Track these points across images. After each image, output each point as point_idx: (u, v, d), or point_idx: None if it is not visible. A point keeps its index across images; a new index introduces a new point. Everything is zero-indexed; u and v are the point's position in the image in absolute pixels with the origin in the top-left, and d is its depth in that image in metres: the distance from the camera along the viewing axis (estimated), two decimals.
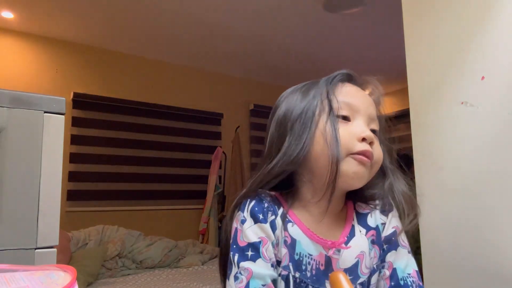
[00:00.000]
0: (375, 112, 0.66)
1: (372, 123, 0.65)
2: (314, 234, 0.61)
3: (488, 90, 1.33)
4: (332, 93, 0.63)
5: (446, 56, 1.48)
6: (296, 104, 0.66)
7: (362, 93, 0.67)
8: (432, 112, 1.50)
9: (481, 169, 1.34)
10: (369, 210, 0.65)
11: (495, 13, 1.34)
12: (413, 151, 1.57)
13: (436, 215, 1.47)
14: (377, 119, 0.66)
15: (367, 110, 0.64)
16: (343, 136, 0.60)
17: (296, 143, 0.61)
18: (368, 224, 0.64)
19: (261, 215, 0.61)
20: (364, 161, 0.60)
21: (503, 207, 1.27)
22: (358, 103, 0.64)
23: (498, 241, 1.28)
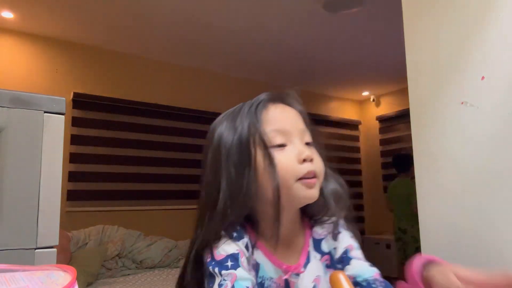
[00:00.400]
0: (304, 124, 0.67)
1: (304, 136, 0.66)
2: (275, 258, 0.63)
3: (488, 90, 1.33)
4: (260, 125, 0.63)
5: (446, 56, 1.48)
6: (227, 141, 0.65)
7: (287, 112, 0.67)
8: (432, 112, 1.50)
9: (481, 169, 1.34)
10: (323, 236, 0.67)
11: (495, 13, 1.34)
12: (413, 151, 1.57)
13: (436, 215, 1.47)
14: (307, 130, 0.67)
15: (297, 128, 0.65)
16: (285, 163, 0.61)
17: (238, 185, 0.61)
18: (322, 249, 0.67)
19: (235, 233, 0.62)
20: (311, 184, 0.62)
21: (502, 207, 1.27)
22: (287, 126, 0.64)
23: (498, 241, 1.28)
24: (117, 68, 3.76)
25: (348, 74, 4.57)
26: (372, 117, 5.49)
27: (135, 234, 3.06)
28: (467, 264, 1.37)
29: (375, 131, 5.43)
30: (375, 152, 5.42)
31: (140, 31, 3.34)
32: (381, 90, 5.22)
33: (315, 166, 0.63)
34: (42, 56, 3.40)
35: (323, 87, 5.05)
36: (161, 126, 3.92)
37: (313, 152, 0.65)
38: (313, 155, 0.64)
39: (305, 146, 0.65)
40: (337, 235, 0.68)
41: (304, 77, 4.63)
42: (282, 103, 0.68)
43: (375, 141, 5.44)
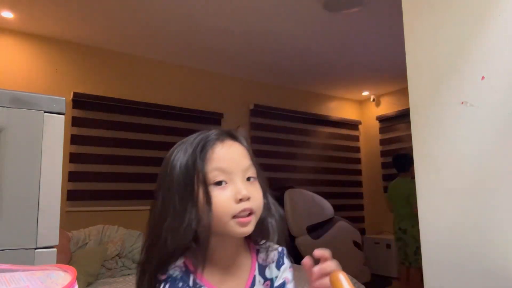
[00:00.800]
0: (248, 161, 0.71)
1: (248, 172, 0.69)
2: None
3: (488, 90, 1.33)
4: (203, 164, 0.67)
5: (446, 56, 1.48)
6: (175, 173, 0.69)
7: (233, 150, 0.71)
8: (432, 112, 1.50)
9: (481, 168, 1.34)
10: (267, 263, 0.73)
11: (495, 13, 1.34)
12: (413, 151, 1.57)
13: (436, 214, 1.47)
14: (252, 166, 0.71)
15: (240, 166, 0.69)
16: (221, 202, 0.65)
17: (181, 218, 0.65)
18: (266, 275, 0.72)
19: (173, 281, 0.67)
20: (246, 222, 0.66)
21: (503, 207, 1.27)
22: (229, 165, 0.68)
23: (498, 241, 1.28)
24: (117, 68, 3.76)
25: (348, 74, 4.57)
26: (372, 117, 5.49)
27: (135, 234, 3.06)
28: (467, 264, 1.38)
29: (375, 131, 5.43)
30: (375, 152, 5.42)
31: (140, 31, 3.34)
32: (381, 90, 5.22)
33: (251, 204, 0.67)
34: (42, 56, 3.40)
35: (323, 87, 5.05)
36: (161, 126, 3.92)
37: (254, 188, 0.69)
38: (253, 192, 0.68)
39: (246, 183, 0.68)
40: (281, 266, 0.74)
41: (304, 77, 4.63)
42: (230, 140, 0.72)
43: (375, 141, 5.44)
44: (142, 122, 3.81)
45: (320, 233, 3.83)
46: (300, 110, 4.96)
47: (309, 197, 3.95)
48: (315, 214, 3.89)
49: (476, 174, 1.35)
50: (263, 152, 4.58)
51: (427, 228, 1.50)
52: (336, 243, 3.90)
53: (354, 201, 5.37)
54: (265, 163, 4.58)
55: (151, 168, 3.77)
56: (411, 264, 3.34)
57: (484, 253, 1.31)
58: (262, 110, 4.61)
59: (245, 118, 4.54)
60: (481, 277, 1.31)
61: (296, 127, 4.90)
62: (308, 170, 4.93)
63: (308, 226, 3.77)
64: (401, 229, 3.42)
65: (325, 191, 4.90)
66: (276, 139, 4.72)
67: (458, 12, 1.45)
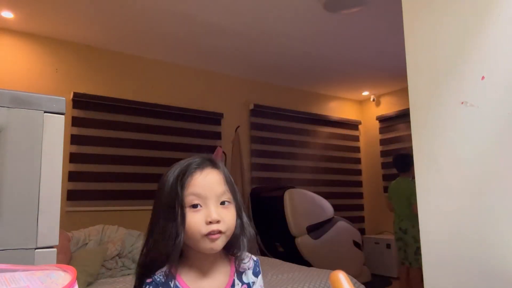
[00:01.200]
0: (223, 187, 0.81)
1: (222, 197, 0.80)
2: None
3: (488, 90, 1.33)
4: (183, 190, 0.78)
5: (446, 56, 1.48)
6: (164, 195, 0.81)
7: (209, 178, 0.81)
8: (432, 112, 1.50)
9: (481, 168, 1.34)
10: (244, 270, 0.85)
11: (494, 13, 1.34)
12: (413, 151, 1.57)
13: (436, 214, 1.47)
14: (227, 191, 0.81)
15: (213, 192, 0.79)
16: (193, 223, 0.77)
17: (164, 233, 0.78)
18: (243, 280, 0.84)
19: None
20: (214, 238, 0.77)
21: (503, 207, 1.27)
22: (204, 191, 0.79)
23: (498, 241, 1.28)
24: (117, 68, 3.76)
25: (348, 74, 4.58)
26: (372, 117, 5.49)
27: (135, 234, 3.06)
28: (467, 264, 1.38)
29: (375, 131, 5.44)
30: (375, 152, 5.42)
31: (140, 31, 3.34)
32: (381, 90, 5.22)
33: (220, 226, 0.77)
34: (42, 56, 3.40)
35: (323, 87, 5.06)
36: (161, 126, 3.92)
37: (226, 212, 0.79)
38: (224, 215, 0.78)
39: (220, 207, 0.79)
40: (258, 274, 0.87)
41: (304, 77, 4.63)
42: (209, 168, 0.82)
43: (375, 141, 5.44)
44: (142, 122, 3.81)
45: (320, 233, 3.83)
46: (300, 110, 4.96)
47: (309, 197, 3.95)
48: (315, 214, 3.89)
49: (476, 174, 1.35)
50: (263, 152, 4.58)
51: (427, 228, 1.50)
52: (336, 243, 3.90)
53: (354, 201, 5.37)
54: (265, 163, 4.58)
55: (151, 168, 3.77)
56: (411, 264, 3.34)
57: (484, 253, 1.31)
58: (262, 110, 4.61)
59: (245, 118, 4.54)
60: (481, 277, 1.31)
61: (296, 127, 4.90)
62: (308, 170, 4.93)
63: (308, 226, 3.77)
64: (401, 229, 3.42)
65: (325, 191, 4.90)
66: (276, 139, 4.72)
67: (458, 12, 1.45)
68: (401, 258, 3.47)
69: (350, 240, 4.05)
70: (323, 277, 2.41)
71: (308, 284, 2.26)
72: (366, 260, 4.59)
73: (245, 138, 4.48)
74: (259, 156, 4.55)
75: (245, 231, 0.84)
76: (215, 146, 4.11)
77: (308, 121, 5.03)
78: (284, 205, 3.75)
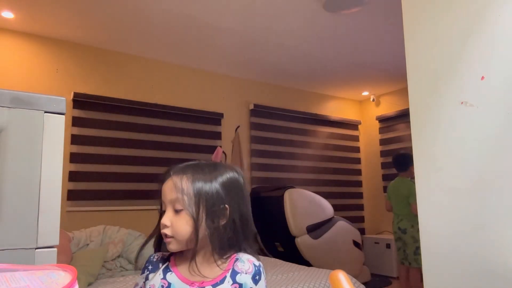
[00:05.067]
0: (175, 194, 0.85)
1: (175, 204, 0.85)
2: (184, 278, 0.86)
3: (488, 90, 1.33)
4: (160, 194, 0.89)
5: (446, 56, 1.48)
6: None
7: (167, 186, 0.88)
8: (432, 112, 1.51)
9: (481, 168, 1.34)
10: (241, 271, 0.87)
11: (494, 13, 1.34)
12: (413, 151, 1.57)
13: (436, 214, 1.47)
14: (182, 198, 0.85)
15: (167, 199, 0.86)
16: (159, 224, 0.87)
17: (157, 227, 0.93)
18: (236, 279, 0.86)
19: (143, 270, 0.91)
20: (167, 241, 0.86)
21: (502, 207, 1.27)
22: (164, 198, 0.87)
23: (498, 241, 1.28)
24: (117, 68, 3.76)
25: (348, 74, 4.58)
26: (372, 117, 5.49)
27: (136, 234, 3.06)
28: (467, 264, 1.38)
29: (375, 131, 5.44)
30: (375, 152, 5.42)
31: (140, 31, 3.34)
32: (381, 90, 5.22)
33: (168, 231, 0.85)
34: (43, 56, 3.40)
35: (323, 87, 5.06)
36: (161, 126, 3.92)
37: (177, 219, 0.85)
38: (175, 222, 0.85)
39: (174, 213, 0.86)
40: (258, 281, 0.88)
41: (304, 77, 4.64)
42: (172, 176, 0.88)
43: (375, 141, 5.44)
44: (142, 122, 3.81)
45: (320, 233, 3.83)
46: (300, 110, 4.96)
47: (309, 197, 3.95)
48: (315, 214, 3.89)
49: (476, 174, 1.35)
50: (263, 152, 4.58)
51: (427, 228, 1.50)
52: (336, 243, 3.90)
53: (354, 201, 5.37)
54: (265, 163, 4.58)
55: (151, 168, 3.77)
56: (411, 264, 3.34)
57: (484, 253, 1.31)
58: (262, 110, 4.61)
59: (245, 118, 4.54)
60: (481, 277, 1.32)
61: (296, 127, 4.91)
62: (308, 170, 4.93)
63: (308, 226, 3.77)
64: (400, 229, 3.42)
65: (325, 191, 4.90)
66: (276, 139, 4.72)
67: (458, 12, 1.45)
68: (401, 258, 3.47)
69: (350, 240, 4.05)
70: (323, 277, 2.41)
71: (308, 284, 2.26)
72: (366, 260, 4.60)
73: (245, 138, 4.48)
74: (259, 156, 4.55)
75: (213, 237, 0.85)
76: (215, 146, 4.11)
77: (308, 121, 5.03)
78: (284, 205, 3.75)
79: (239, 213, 0.88)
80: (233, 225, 0.87)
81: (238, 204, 0.89)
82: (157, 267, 0.90)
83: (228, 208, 0.87)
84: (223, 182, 0.88)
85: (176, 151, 3.95)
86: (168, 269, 0.88)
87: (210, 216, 0.85)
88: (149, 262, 0.92)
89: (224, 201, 0.87)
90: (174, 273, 0.87)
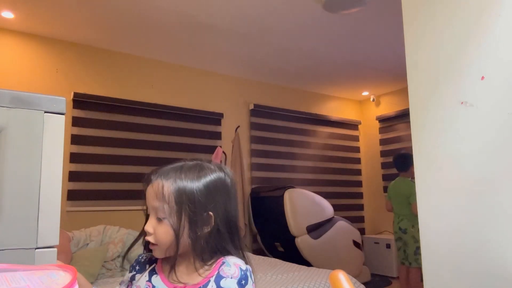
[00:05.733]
0: (157, 202, 0.84)
1: (158, 213, 0.84)
2: (167, 281, 0.85)
3: (488, 90, 1.33)
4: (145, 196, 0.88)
5: (446, 56, 1.48)
6: None
7: (149, 192, 0.87)
8: (432, 112, 1.51)
9: (481, 168, 1.34)
10: (226, 276, 0.84)
11: (494, 13, 1.34)
12: (413, 151, 1.57)
13: (435, 214, 1.47)
14: (163, 207, 0.83)
15: (151, 205, 0.86)
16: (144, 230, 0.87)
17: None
18: (221, 284, 0.83)
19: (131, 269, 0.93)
20: (152, 248, 0.85)
21: (502, 207, 1.27)
22: (148, 204, 0.87)
23: (498, 241, 1.28)
24: (117, 68, 3.76)
25: (348, 74, 4.58)
26: (372, 117, 5.49)
27: (135, 234, 3.06)
28: (467, 264, 1.38)
29: (375, 131, 5.44)
30: (375, 152, 5.42)
31: (140, 31, 3.34)
32: (381, 90, 5.22)
33: (151, 238, 0.84)
34: (43, 56, 3.40)
35: (323, 87, 5.06)
36: (161, 126, 3.92)
37: (159, 227, 0.83)
38: (156, 229, 0.83)
39: (156, 220, 0.85)
40: (244, 285, 0.85)
41: (304, 77, 4.63)
42: (151, 182, 0.88)
43: (375, 141, 5.44)
44: (142, 122, 3.81)
45: (320, 233, 3.83)
46: (300, 110, 4.96)
47: (309, 197, 3.95)
48: (315, 214, 3.89)
49: (476, 174, 1.35)
50: (263, 152, 4.58)
51: (427, 227, 1.50)
52: (336, 243, 3.90)
53: (354, 201, 5.37)
54: (265, 163, 4.58)
55: (151, 168, 3.74)
56: (411, 264, 3.34)
57: (483, 253, 1.31)
58: (262, 110, 4.61)
59: (245, 118, 4.54)
60: (480, 277, 1.32)
61: (296, 127, 4.91)
62: (308, 170, 4.93)
63: (308, 226, 3.77)
64: (401, 229, 3.42)
65: (325, 191, 4.90)
66: (276, 139, 4.72)
67: (458, 12, 1.45)
68: (401, 258, 3.47)
69: (350, 240, 4.05)
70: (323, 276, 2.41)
71: (308, 284, 2.26)
72: (366, 260, 4.60)
73: (245, 138, 4.48)
74: (259, 156, 4.55)
75: (195, 246, 0.83)
76: (215, 146, 4.11)
77: (308, 121, 5.03)
78: (284, 205, 3.75)
79: (225, 218, 0.85)
80: (217, 232, 0.85)
81: (224, 207, 0.86)
82: (144, 268, 0.90)
83: (213, 215, 0.84)
84: (207, 186, 0.85)
85: (176, 151, 3.95)
86: (154, 272, 0.88)
87: (193, 225, 0.82)
88: (136, 262, 0.92)
89: (207, 208, 0.83)
90: (159, 276, 0.87)
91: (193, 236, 0.82)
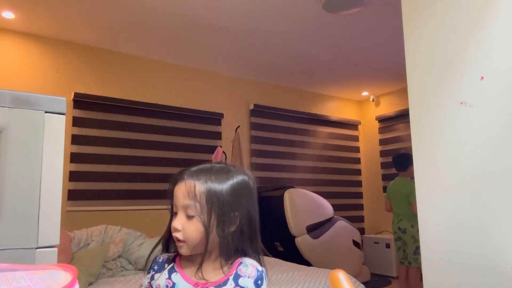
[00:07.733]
0: (188, 200, 0.86)
1: (188, 210, 0.86)
2: (188, 278, 0.88)
3: (488, 90, 1.34)
4: (171, 196, 0.91)
5: (446, 56, 1.48)
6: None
7: (180, 190, 0.89)
8: (431, 112, 1.51)
9: (480, 168, 1.34)
10: (243, 275, 0.89)
11: (494, 13, 1.34)
12: (413, 151, 1.57)
13: (435, 214, 1.47)
14: (195, 205, 0.86)
15: (180, 204, 0.88)
16: (170, 226, 0.90)
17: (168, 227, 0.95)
18: (238, 283, 0.88)
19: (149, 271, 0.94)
20: (179, 245, 0.87)
21: (502, 206, 1.28)
22: (177, 201, 0.89)
23: (497, 240, 1.28)
24: (117, 68, 3.76)
25: (348, 74, 4.58)
26: (371, 117, 5.50)
27: (137, 234, 3.06)
28: (466, 263, 1.38)
29: (375, 131, 5.44)
30: (374, 152, 5.43)
31: (140, 31, 3.34)
32: (380, 90, 5.22)
33: (179, 235, 0.86)
34: (43, 56, 3.40)
35: (323, 87, 5.06)
36: (161, 126, 3.92)
37: (189, 224, 0.86)
38: (186, 227, 0.86)
39: (186, 218, 0.87)
40: (260, 285, 0.90)
41: (304, 77, 4.64)
42: (181, 180, 0.90)
43: (374, 141, 5.44)
44: (142, 122, 3.81)
45: (319, 233, 3.83)
46: (300, 110, 4.96)
47: (309, 197, 3.95)
48: (315, 213, 3.89)
49: (476, 173, 1.35)
50: (263, 152, 4.58)
51: (427, 227, 1.50)
52: (336, 243, 3.91)
53: (354, 201, 5.37)
54: (265, 163, 4.58)
55: (151, 168, 3.77)
56: (411, 264, 3.34)
57: (483, 252, 1.32)
58: (262, 110, 4.61)
59: (245, 118, 4.55)
60: (480, 276, 1.32)
61: (296, 127, 4.91)
62: (308, 170, 4.93)
63: (308, 225, 3.77)
64: (400, 228, 3.42)
65: (325, 191, 4.91)
66: (276, 139, 4.72)
67: (457, 13, 1.45)
68: (400, 258, 3.48)
69: (350, 240, 4.05)
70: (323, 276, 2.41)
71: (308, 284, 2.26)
72: (366, 260, 4.60)
73: (245, 138, 4.48)
74: (259, 156, 4.55)
75: (222, 244, 0.87)
76: (215, 146, 4.11)
77: (308, 121, 5.03)
78: (284, 204, 3.75)
79: (248, 219, 0.90)
80: (241, 232, 0.89)
81: (248, 209, 0.91)
82: (163, 267, 0.92)
83: (239, 215, 0.88)
84: (234, 188, 0.89)
85: (176, 151, 3.95)
86: (173, 270, 0.91)
87: (221, 224, 0.86)
88: (155, 262, 0.94)
89: (235, 208, 0.88)
90: (179, 273, 0.89)
91: (221, 234, 0.86)
